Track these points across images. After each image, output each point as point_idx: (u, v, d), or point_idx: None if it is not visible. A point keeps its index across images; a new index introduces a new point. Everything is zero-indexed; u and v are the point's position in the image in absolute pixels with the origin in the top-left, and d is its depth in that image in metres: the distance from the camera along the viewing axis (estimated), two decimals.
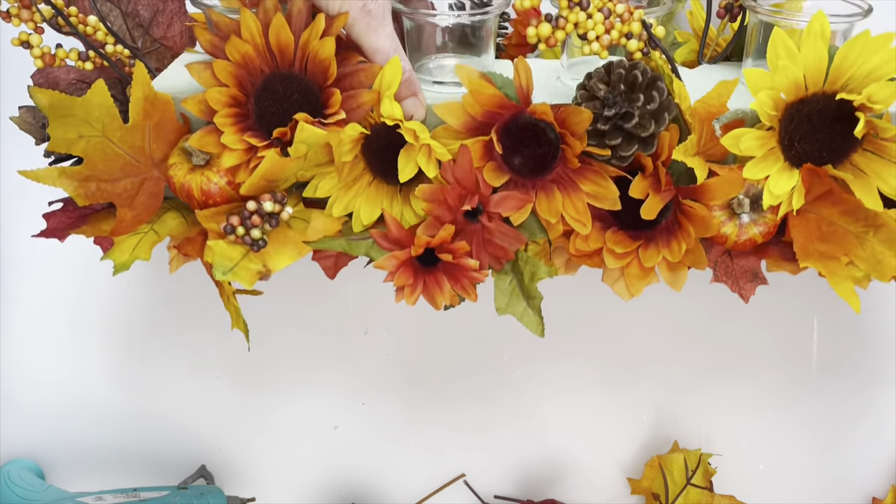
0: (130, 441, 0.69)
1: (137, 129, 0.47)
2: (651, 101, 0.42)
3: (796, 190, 0.44)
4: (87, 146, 0.46)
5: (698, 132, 0.44)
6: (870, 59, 0.41)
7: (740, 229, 0.47)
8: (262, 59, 0.44)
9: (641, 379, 0.70)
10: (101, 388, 0.69)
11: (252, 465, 0.70)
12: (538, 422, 0.70)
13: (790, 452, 0.68)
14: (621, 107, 0.42)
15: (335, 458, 0.70)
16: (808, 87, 0.43)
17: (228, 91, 0.45)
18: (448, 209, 0.46)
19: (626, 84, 0.43)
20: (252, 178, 0.46)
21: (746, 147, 0.43)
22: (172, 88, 0.49)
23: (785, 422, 0.68)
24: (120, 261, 0.48)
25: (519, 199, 0.46)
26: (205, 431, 0.69)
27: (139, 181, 0.49)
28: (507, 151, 0.46)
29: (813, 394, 0.68)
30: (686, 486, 0.66)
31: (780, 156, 0.44)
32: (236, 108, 0.45)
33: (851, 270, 0.48)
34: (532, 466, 0.72)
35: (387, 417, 0.71)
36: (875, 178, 0.44)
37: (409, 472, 0.71)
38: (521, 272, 0.51)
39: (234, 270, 0.49)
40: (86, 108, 0.45)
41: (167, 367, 0.69)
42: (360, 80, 0.44)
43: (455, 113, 0.45)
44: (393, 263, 0.46)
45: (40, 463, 0.69)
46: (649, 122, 0.42)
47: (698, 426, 0.68)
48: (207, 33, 0.44)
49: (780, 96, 0.43)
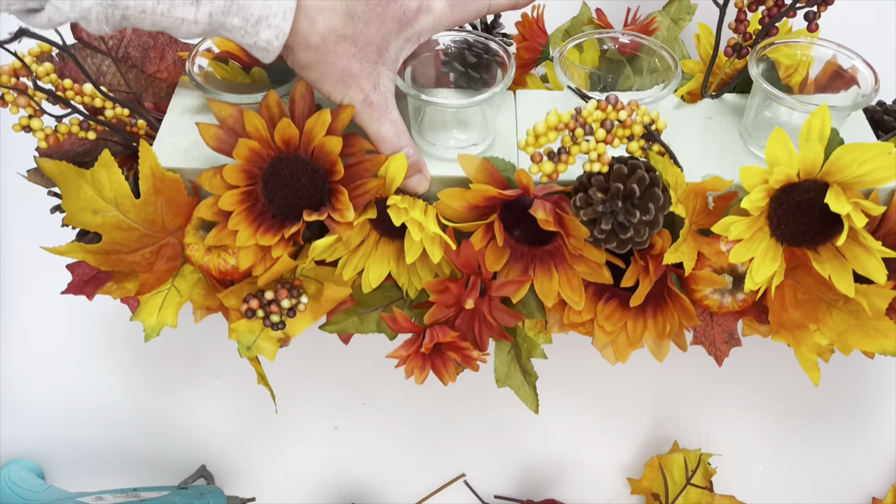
0: (130, 441, 0.70)
1: (150, 203, 0.50)
2: (647, 212, 0.45)
3: (777, 273, 0.48)
4: (103, 222, 0.49)
5: (691, 207, 0.48)
6: (864, 164, 0.44)
7: (721, 302, 0.51)
8: (267, 148, 0.48)
9: (642, 379, 0.70)
10: (101, 388, 0.70)
11: (252, 465, 0.70)
12: (538, 422, 0.70)
13: (790, 452, 0.68)
14: (618, 218, 0.45)
15: (335, 458, 0.70)
16: (800, 175, 0.46)
17: (239, 191, 0.48)
18: (453, 298, 0.51)
19: (623, 197, 0.45)
20: (267, 275, 0.50)
21: (736, 233, 0.47)
22: (177, 151, 0.52)
23: (785, 421, 0.68)
24: (149, 324, 0.54)
25: (517, 283, 0.50)
26: (205, 431, 0.70)
27: (156, 249, 0.52)
28: (508, 225, 0.50)
29: (813, 393, 0.68)
30: (686, 486, 0.66)
31: (767, 234, 0.48)
32: (247, 202, 0.49)
33: (818, 339, 0.52)
34: (532, 466, 0.72)
35: (387, 417, 0.71)
36: (853, 263, 0.47)
37: (409, 472, 0.71)
38: (518, 347, 0.55)
39: (256, 344, 0.54)
40: (96, 183, 0.48)
41: (168, 367, 0.69)
42: (365, 169, 0.48)
43: (457, 199, 0.48)
44: (403, 354, 0.52)
45: (40, 463, 0.70)
46: (644, 231, 0.45)
47: (698, 426, 0.68)
48: (212, 129, 0.47)
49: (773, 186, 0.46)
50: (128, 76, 0.55)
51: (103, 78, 0.54)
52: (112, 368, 0.70)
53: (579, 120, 0.44)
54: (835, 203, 0.44)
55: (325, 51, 0.43)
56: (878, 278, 0.46)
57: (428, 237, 0.48)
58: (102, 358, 0.70)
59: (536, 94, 0.57)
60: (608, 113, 0.44)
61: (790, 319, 0.52)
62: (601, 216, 0.45)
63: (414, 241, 0.48)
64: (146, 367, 0.70)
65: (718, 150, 0.53)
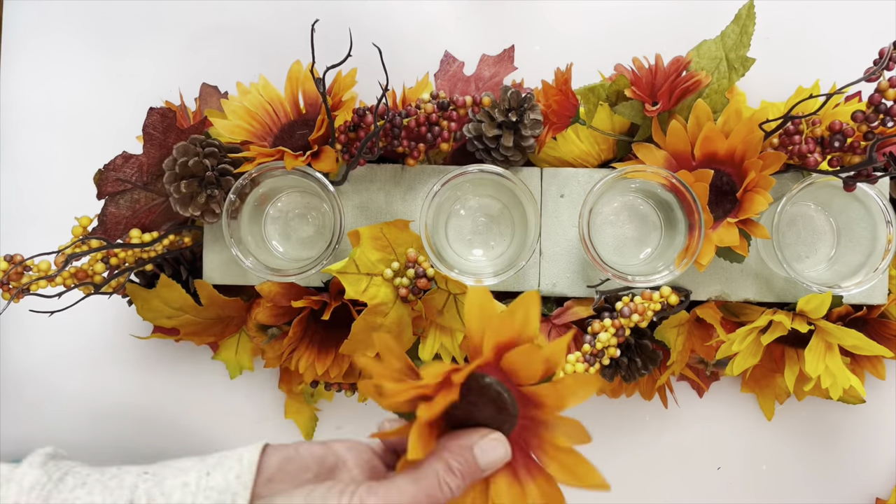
0: (131, 441, 0.69)
1: (211, 307, 0.60)
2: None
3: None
4: (177, 322, 0.60)
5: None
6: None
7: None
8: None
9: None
10: (102, 388, 0.69)
11: None
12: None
13: (793, 452, 0.68)
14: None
15: None
16: None
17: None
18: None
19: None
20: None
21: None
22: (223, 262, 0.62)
23: (787, 421, 0.68)
24: (230, 364, 0.66)
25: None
26: (206, 431, 0.69)
27: (224, 326, 0.63)
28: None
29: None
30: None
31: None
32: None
33: (779, 384, 0.65)
34: None
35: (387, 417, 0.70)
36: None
37: None
38: None
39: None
40: (163, 298, 0.59)
41: (170, 367, 0.69)
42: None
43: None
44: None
45: None
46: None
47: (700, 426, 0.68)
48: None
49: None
50: (157, 185, 0.58)
51: (138, 205, 0.58)
52: (114, 369, 0.69)
53: (594, 350, 0.54)
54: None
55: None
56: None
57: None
58: (104, 358, 0.69)
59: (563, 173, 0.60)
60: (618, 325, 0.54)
61: (763, 369, 0.64)
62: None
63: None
64: (148, 368, 0.69)
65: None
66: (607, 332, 0.55)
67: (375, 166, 0.60)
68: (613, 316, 0.56)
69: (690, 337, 0.61)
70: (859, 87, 0.63)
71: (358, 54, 0.54)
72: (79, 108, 0.70)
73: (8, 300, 0.54)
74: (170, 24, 0.69)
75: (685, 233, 0.55)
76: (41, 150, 0.69)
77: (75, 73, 0.70)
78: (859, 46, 0.66)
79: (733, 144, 0.54)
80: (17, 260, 0.54)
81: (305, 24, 0.57)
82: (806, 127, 0.55)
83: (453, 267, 0.55)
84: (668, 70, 0.55)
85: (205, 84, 0.66)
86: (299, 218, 0.60)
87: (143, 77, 0.69)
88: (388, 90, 0.54)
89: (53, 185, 0.69)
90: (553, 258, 0.59)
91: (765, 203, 0.52)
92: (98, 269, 0.57)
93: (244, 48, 0.69)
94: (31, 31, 0.70)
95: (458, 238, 0.59)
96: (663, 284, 0.55)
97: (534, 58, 0.67)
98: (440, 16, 0.69)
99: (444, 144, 0.58)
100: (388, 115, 0.56)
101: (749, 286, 0.60)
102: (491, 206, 0.59)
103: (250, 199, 0.57)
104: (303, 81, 0.57)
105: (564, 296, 0.60)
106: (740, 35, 0.57)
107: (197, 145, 0.55)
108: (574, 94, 0.58)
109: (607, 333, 0.55)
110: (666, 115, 0.57)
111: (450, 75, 0.66)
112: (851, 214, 0.58)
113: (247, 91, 0.57)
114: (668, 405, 0.67)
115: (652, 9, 0.68)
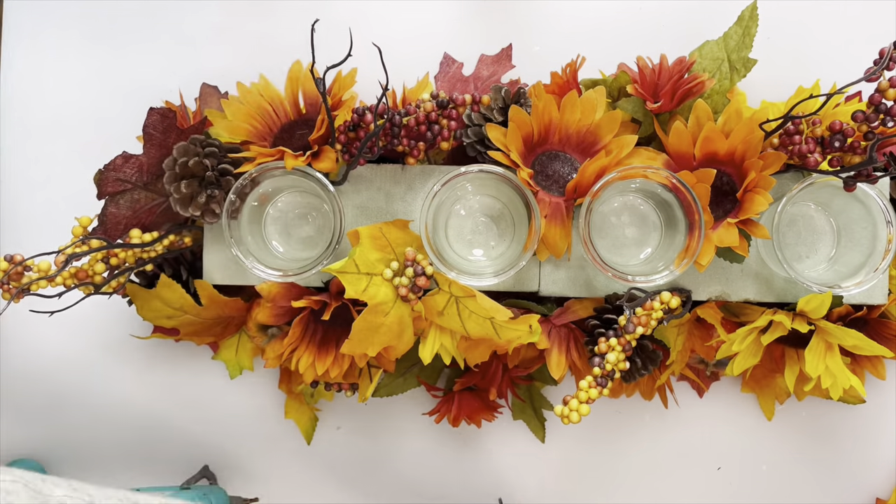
0: (133, 441, 0.69)
1: (212, 307, 0.60)
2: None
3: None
4: (177, 322, 0.60)
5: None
6: None
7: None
8: None
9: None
10: (103, 387, 0.69)
11: (255, 465, 0.70)
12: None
13: (793, 452, 0.68)
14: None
15: (338, 458, 0.70)
16: None
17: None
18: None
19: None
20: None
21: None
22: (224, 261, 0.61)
23: (788, 421, 0.68)
24: (231, 364, 0.65)
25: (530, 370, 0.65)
26: (207, 431, 0.69)
27: (225, 324, 0.63)
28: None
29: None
30: None
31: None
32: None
33: (779, 384, 0.65)
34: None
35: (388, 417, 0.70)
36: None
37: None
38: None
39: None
40: (163, 298, 0.59)
41: (170, 366, 0.69)
42: None
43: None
44: (438, 415, 0.66)
45: (42, 463, 0.69)
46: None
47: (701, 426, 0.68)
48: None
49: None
50: (157, 185, 0.58)
51: (138, 205, 0.58)
52: (114, 368, 0.69)
53: (604, 372, 0.54)
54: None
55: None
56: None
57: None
58: (104, 357, 0.69)
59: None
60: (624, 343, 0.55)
61: (763, 369, 0.64)
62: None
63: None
64: (148, 367, 0.69)
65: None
66: (614, 351, 0.54)
67: (375, 166, 0.60)
68: (618, 333, 0.56)
69: (690, 337, 0.61)
70: (859, 87, 0.63)
71: (358, 54, 0.54)
72: (79, 108, 0.70)
73: (8, 300, 0.54)
74: (170, 24, 0.69)
75: (685, 233, 0.55)
76: (41, 150, 0.69)
77: (75, 73, 0.70)
78: (859, 46, 0.66)
79: (733, 144, 0.54)
80: (17, 260, 0.54)
81: (305, 24, 0.57)
82: (806, 127, 0.55)
83: (453, 267, 0.55)
84: (671, 71, 0.56)
85: (205, 84, 0.66)
86: (299, 218, 0.60)
87: (143, 77, 0.69)
88: (387, 90, 0.54)
89: (53, 185, 0.69)
90: (553, 258, 0.59)
91: (765, 203, 0.52)
92: (98, 269, 0.57)
93: (244, 48, 0.69)
94: (31, 31, 0.70)
95: (459, 238, 0.59)
96: (663, 284, 0.55)
97: (534, 58, 0.68)
98: (440, 16, 0.69)
99: (444, 143, 0.58)
100: (387, 114, 0.56)
101: (749, 286, 0.60)
102: (491, 206, 0.59)
103: (250, 199, 0.57)
104: (303, 81, 0.57)
105: (564, 296, 0.60)
106: (743, 36, 0.57)
107: (197, 145, 0.55)
108: (580, 85, 0.59)
109: (615, 353, 0.54)
110: (667, 115, 0.57)
111: (449, 76, 0.66)
112: (852, 214, 0.58)
113: (247, 91, 0.57)
114: (669, 405, 0.67)
115: (652, 9, 0.68)
